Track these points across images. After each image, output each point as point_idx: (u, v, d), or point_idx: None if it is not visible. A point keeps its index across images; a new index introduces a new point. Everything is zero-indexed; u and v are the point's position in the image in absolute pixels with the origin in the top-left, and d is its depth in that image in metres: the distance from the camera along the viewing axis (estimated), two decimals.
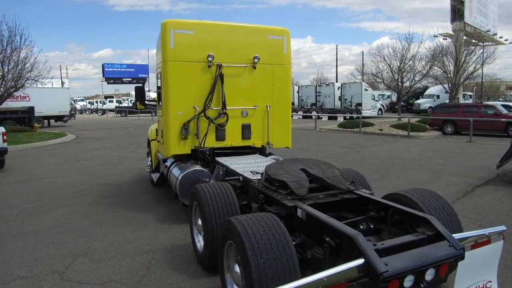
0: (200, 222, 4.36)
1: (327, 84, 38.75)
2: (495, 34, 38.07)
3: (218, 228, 3.85)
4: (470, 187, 8.13)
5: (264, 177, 4.34)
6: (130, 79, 68.47)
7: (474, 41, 32.48)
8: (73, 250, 5.06)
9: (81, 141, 19.50)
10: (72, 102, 54.95)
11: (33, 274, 4.38)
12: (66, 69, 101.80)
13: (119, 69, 70.40)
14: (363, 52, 59.42)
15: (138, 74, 68.95)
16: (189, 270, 4.37)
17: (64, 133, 22.53)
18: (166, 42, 6.04)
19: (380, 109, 37.78)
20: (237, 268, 3.13)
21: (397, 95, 27.31)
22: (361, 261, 2.51)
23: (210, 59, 6.18)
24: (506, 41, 39.36)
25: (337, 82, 41.42)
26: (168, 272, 4.34)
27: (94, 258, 4.78)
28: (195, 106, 6.25)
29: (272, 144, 6.90)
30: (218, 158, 6.26)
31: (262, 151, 6.98)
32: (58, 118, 31.21)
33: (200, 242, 4.43)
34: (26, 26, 24.63)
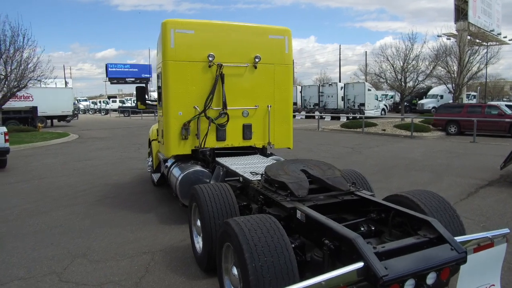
0: (199, 223, 4.31)
1: (330, 84, 38.62)
2: (499, 34, 37.85)
3: (216, 229, 3.80)
4: (474, 188, 8.05)
5: (263, 178, 4.29)
6: (133, 79, 68.56)
7: (478, 41, 32.34)
8: (72, 250, 5.03)
9: (83, 141, 19.53)
10: (75, 102, 55.16)
11: (31, 275, 4.35)
12: (69, 69, 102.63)
13: (123, 69, 70.53)
14: (366, 52, 59.38)
15: (141, 74, 69.06)
16: (188, 271, 4.33)
17: (67, 133, 22.57)
18: (167, 41, 6.00)
19: (383, 109, 37.61)
20: (235, 270, 3.08)
21: (400, 95, 27.19)
22: (360, 264, 2.45)
23: (210, 59, 6.14)
24: (510, 41, 39.16)
25: (340, 82, 41.32)
26: (166, 273, 4.30)
27: (92, 259, 4.75)
28: (196, 106, 6.21)
29: (273, 144, 6.85)
30: (219, 159, 6.22)
31: (263, 152, 6.93)
32: (61, 118, 31.30)
33: (199, 244, 4.39)
34: (29, 26, 24.81)
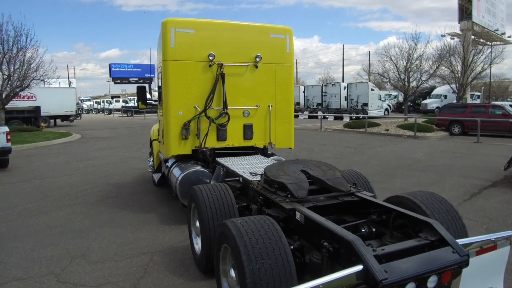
0: (198, 224, 4.28)
1: (333, 84, 38.53)
2: (504, 34, 37.58)
3: (215, 230, 3.75)
4: (477, 189, 7.96)
5: (263, 178, 4.24)
6: (136, 79, 68.85)
7: (482, 40, 32.08)
8: (71, 251, 5.00)
9: (86, 140, 19.54)
10: (79, 102, 55.27)
11: (29, 275, 4.33)
12: (73, 69, 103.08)
13: (126, 69, 70.85)
14: (370, 52, 59.08)
15: (144, 74, 69.30)
16: (186, 273, 4.29)
17: (69, 132, 22.60)
18: (167, 41, 5.97)
19: (386, 109, 37.50)
20: (232, 272, 3.04)
21: (403, 95, 27.06)
22: (359, 267, 2.40)
23: (211, 58, 6.10)
24: None
25: (343, 82, 41.18)
26: (165, 274, 4.27)
27: (91, 259, 4.72)
28: (196, 106, 6.17)
29: (274, 144, 6.80)
30: (219, 159, 6.17)
31: (264, 152, 6.88)
32: (65, 117, 31.35)
33: (198, 245, 4.35)
34: (31, 26, 24.79)
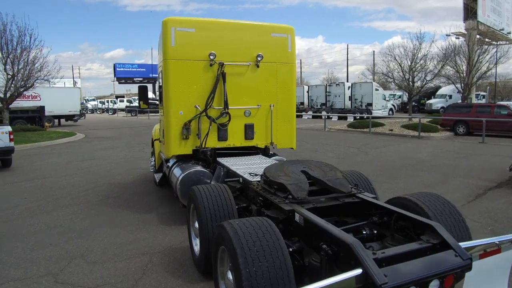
0: (197, 225, 4.22)
1: (337, 84, 38.37)
2: (509, 33, 37.21)
3: (213, 232, 3.70)
4: (482, 190, 7.86)
5: (262, 179, 4.18)
6: (141, 79, 68.93)
7: (487, 40, 31.84)
8: (70, 251, 4.97)
9: (89, 140, 19.58)
10: (83, 101, 55.46)
11: (27, 275, 4.30)
12: (78, 69, 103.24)
13: (130, 69, 71.01)
14: (374, 51, 58.84)
15: (149, 74, 69.34)
16: (185, 274, 4.24)
17: (73, 132, 22.67)
18: (167, 40, 5.93)
19: (391, 109, 37.28)
20: (230, 275, 2.99)
21: (408, 95, 26.89)
22: (359, 271, 2.34)
23: (212, 58, 6.05)
24: None
25: (347, 81, 41.02)
26: (164, 276, 4.22)
27: (90, 260, 4.68)
28: (197, 106, 6.12)
29: (275, 144, 6.74)
30: (220, 159, 6.12)
31: (265, 152, 6.82)
32: (69, 117, 31.47)
33: (197, 246, 4.30)
34: (35, 26, 24.85)
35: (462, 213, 3.52)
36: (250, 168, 5.29)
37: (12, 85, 19.76)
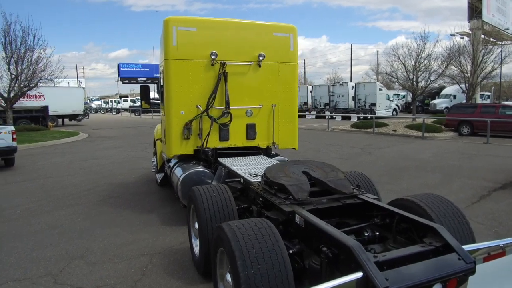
0: (197, 225, 4.18)
1: (341, 83, 38.23)
2: None
3: (213, 233, 3.66)
4: (486, 191, 7.77)
5: (263, 179, 4.13)
6: (145, 79, 68.95)
7: (492, 39, 31.66)
8: (70, 252, 4.95)
9: (92, 140, 19.60)
10: (87, 101, 55.53)
11: (27, 276, 4.28)
12: (83, 69, 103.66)
13: (134, 69, 71.05)
14: (378, 51, 58.59)
15: (152, 74, 69.34)
16: (185, 275, 4.20)
17: (77, 132, 22.71)
18: (168, 39, 5.89)
19: (395, 109, 37.08)
20: (229, 277, 2.94)
21: (412, 95, 26.75)
22: (359, 274, 2.28)
23: (213, 57, 6.00)
24: None
25: (351, 81, 40.87)
26: (163, 277, 4.18)
27: (90, 260, 4.65)
28: (198, 105, 6.08)
29: (277, 144, 6.69)
30: (221, 159, 6.08)
31: (267, 152, 6.77)
32: (72, 117, 31.56)
33: (197, 247, 4.25)
34: (39, 26, 24.84)
35: (466, 214, 3.46)
36: (251, 168, 5.24)
37: (15, 85, 19.82)
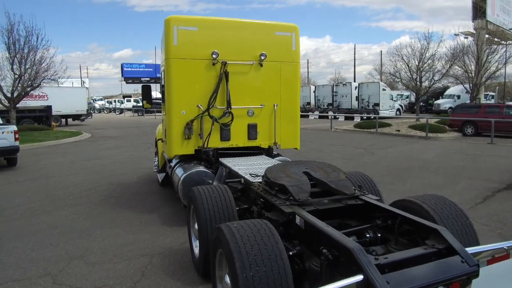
0: (197, 226, 4.14)
1: (344, 83, 38.14)
2: None
3: (213, 234, 3.62)
4: (490, 192, 7.69)
5: (263, 180, 4.09)
6: (148, 79, 69.04)
7: (496, 39, 31.43)
8: (70, 252, 4.92)
9: (95, 139, 19.62)
10: (91, 101, 55.72)
11: (26, 276, 4.26)
12: (86, 69, 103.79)
13: (138, 69, 71.13)
14: (382, 51, 58.25)
15: (156, 74, 69.27)
16: (185, 276, 4.17)
17: (80, 131, 22.75)
18: (170, 39, 5.85)
19: (398, 109, 36.95)
20: (228, 279, 2.90)
21: (415, 95, 26.62)
22: (360, 277, 2.23)
23: (214, 57, 5.96)
24: None
25: (354, 81, 40.76)
26: (163, 278, 4.15)
27: (89, 261, 4.63)
28: (199, 105, 6.04)
29: (279, 144, 6.64)
30: (222, 159, 6.04)
31: (269, 152, 6.72)
32: (76, 117, 31.65)
33: (197, 247, 4.21)
34: (42, 26, 24.82)
35: (470, 215, 3.41)
36: (252, 168, 5.20)
37: (19, 84, 19.87)
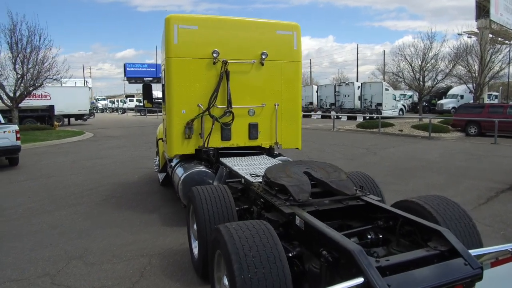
0: (196, 226, 4.10)
1: (347, 83, 38.04)
2: None
3: (211, 234, 3.57)
4: (494, 192, 7.61)
5: (263, 180, 4.04)
6: (151, 79, 69.14)
7: (500, 39, 31.28)
8: (69, 252, 4.89)
9: (97, 139, 19.62)
10: (94, 101, 55.73)
11: (24, 276, 4.23)
12: (89, 68, 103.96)
13: (140, 68, 71.24)
14: (385, 51, 58.11)
15: (159, 74, 69.26)
16: (184, 277, 4.12)
17: (82, 131, 22.75)
18: (170, 37, 5.81)
19: (401, 109, 36.78)
20: (226, 281, 2.85)
21: (418, 95, 26.49)
22: (360, 280, 2.19)
23: (215, 56, 5.91)
24: None
25: (357, 81, 40.63)
26: (162, 279, 4.11)
27: (88, 261, 4.59)
28: (200, 104, 5.99)
29: (280, 144, 6.58)
30: (223, 159, 5.99)
31: (270, 152, 6.67)
32: (78, 116, 31.67)
33: (196, 248, 4.17)
34: (45, 26, 24.90)
35: (473, 216, 3.35)
36: (253, 168, 5.15)
37: (21, 84, 19.89)
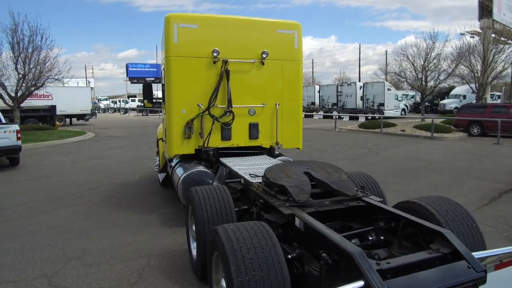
0: (194, 227, 4.05)
1: (349, 83, 37.94)
2: None
3: (210, 236, 3.52)
4: (497, 193, 7.53)
5: (263, 180, 3.98)
6: (153, 79, 69.16)
7: (503, 39, 31.12)
8: (67, 252, 4.85)
9: (98, 139, 19.60)
10: (96, 101, 55.79)
11: (21, 277, 4.19)
12: (92, 69, 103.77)
13: (143, 69, 71.28)
14: (387, 51, 57.85)
15: (160, 74, 69.54)
16: (182, 278, 4.07)
17: (83, 131, 22.74)
18: (170, 36, 5.76)
19: (403, 109, 36.65)
20: (223, 283, 2.79)
21: (420, 95, 26.39)
22: (360, 283, 2.13)
23: (215, 55, 5.86)
24: None
25: (359, 81, 40.54)
26: (160, 280, 4.06)
27: (86, 262, 4.55)
28: (200, 104, 5.94)
29: (281, 144, 6.53)
30: (222, 159, 5.94)
31: (270, 152, 6.61)
32: (80, 116, 31.67)
33: (195, 249, 4.11)
34: (47, 26, 24.93)
35: (476, 217, 3.29)
36: (253, 168, 5.09)
37: (23, 84, 19.90)
